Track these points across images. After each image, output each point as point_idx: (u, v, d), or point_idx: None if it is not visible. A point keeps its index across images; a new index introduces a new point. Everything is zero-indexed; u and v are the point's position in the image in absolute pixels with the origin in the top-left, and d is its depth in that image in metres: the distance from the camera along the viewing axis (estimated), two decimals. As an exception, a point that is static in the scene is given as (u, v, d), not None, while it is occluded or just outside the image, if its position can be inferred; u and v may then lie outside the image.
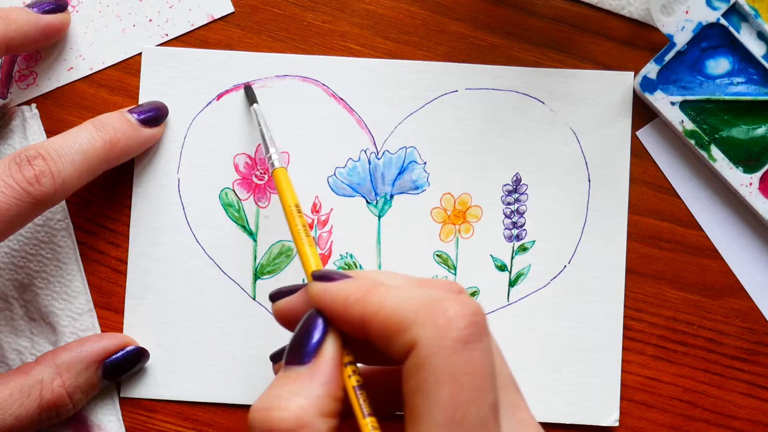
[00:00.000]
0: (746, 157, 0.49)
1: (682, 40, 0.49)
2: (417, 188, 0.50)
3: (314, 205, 0.50)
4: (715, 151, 0.49)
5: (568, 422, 0.49)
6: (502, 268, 0.50)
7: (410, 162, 0.50)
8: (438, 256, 0.50)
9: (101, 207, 0.50)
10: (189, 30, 0.51)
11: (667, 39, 0.50)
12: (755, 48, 0.49)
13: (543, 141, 0.50)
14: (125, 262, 0.50)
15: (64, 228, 0.49)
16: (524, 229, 0.50)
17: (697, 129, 0.49)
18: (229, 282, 0.50)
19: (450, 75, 0.50)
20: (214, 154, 0.50)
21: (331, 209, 0.50)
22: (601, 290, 0.50)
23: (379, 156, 0.50)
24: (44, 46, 0.50)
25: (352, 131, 0.50)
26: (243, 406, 0.49)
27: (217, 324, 0.49)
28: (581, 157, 0.50)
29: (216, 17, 0.51)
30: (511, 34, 0.51)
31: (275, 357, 0.43)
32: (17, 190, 0.43)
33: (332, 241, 0.50)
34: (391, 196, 0.50)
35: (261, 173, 0.50)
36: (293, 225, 0.41)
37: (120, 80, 0.51)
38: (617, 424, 0.49)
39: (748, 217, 0.50)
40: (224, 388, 0.49)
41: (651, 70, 0.49)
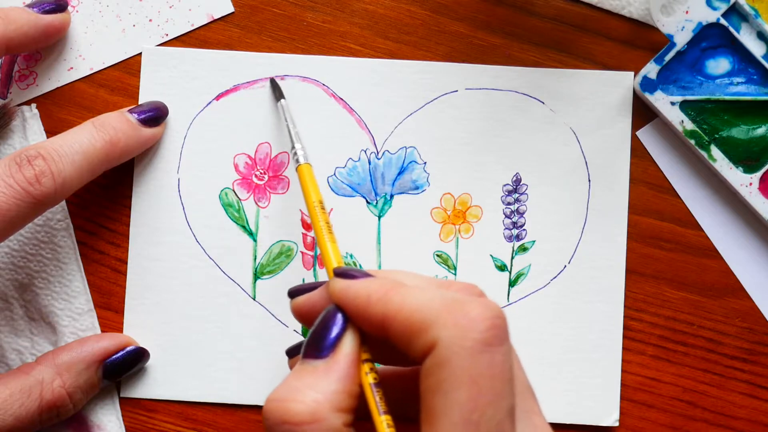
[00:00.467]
0: (746, 157, 0.49)
1: (682, 40, 0.49)
2: (417, 188, 0.50)
3: (314, 205, 0.50)
4: (715, 151, 0.49)
5: (568, 422, 0.49)
6: (502, 268, 0.50)
7: (410, 162, 0.50)
8: (438, 256, 0.50)
9: (101, 207, 0.50)
10: (189, 30, 0.51)
11: (667, 39, 0.50)
12: (755, 48, 0.49)
13: (543, 141, 0.50)
14: (125, 262, 0.50)
15: (64, 228, 0.49)
16: (524, 229, 0.50)
17: (697, 129, 0.49)
18: (229, 282, 0.50)
19: (450, 75, 0.50)
20: (214, 154, 0.50)
21: (331, 209, 0.50)
22: (601, 290, 0.50)
23: (379, 156, 0.50)
24: (44, 46, 0.50)
25: (352, 131, 0.50)
26: (243, 406, 0.49)
27: (217, 324, 0.49)
28: (581, 157, 0.50)
29: (216, 17, 0.51)
30: (511, 34, 0.51)
31: (291, 352, 0.44)
32: (17, 190, 0.43)
33: (332, 241, 0.50)
34: (391, 196, 0.50)
35: (261, 173, 0.50)
36: (316, 221, 0.42)
37: (120, 80, 0.51)
38: (617, 424, 0.49)
39: (748, 217, 0.50)
40: (224, 388, 0.49)
41: (651, 70, 0.49)
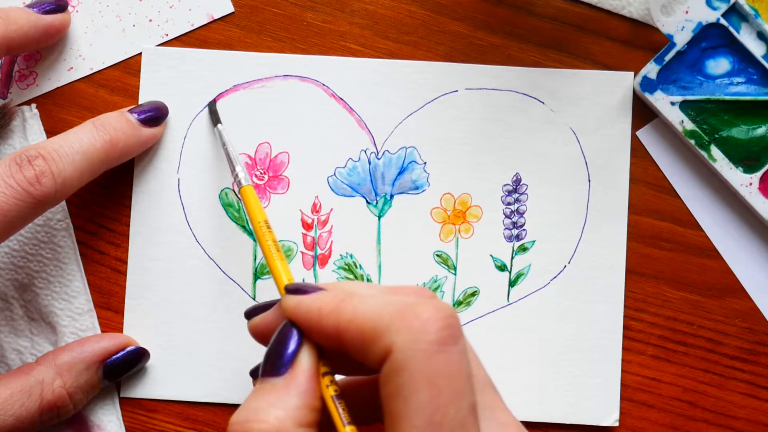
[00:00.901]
0: (746, 157, 0.49)
1: (682, 40, 0.49)
2: (417, 188, 0.50)
3: (314, 205, 0.50)
4: (715, 151, 0.49)
5: (568, 422, 0.49)
6: (502, 268, 0.50)
7: (410, 162, 0.50)
8: (438, 256, 0.50)
9: (101, 207, 0.50)
10: (189, 30, 0.51)
11: (667, 39, 0.50)
12: (755, 48, 0.49)
13: (543, 141, 0.50)
14: (125, 262, 0.50)
15: (64, 228, 0.49)
16: (524, 229, 0.50)
17: (697, 129, 0.49)
18: (229, 282, 0.50)
19: (450, 75, 0.50)
20: (214, 154, 0.50)
21: (331, 209, 0.50)
22: (601, 290, 0.50)
23: (379, 156, 0.50)
24: (44, 47, 0.50)
25: (352, 131, 0.50)
26: (243, 406, 0.49)
27: (218, 324, 0.49)
28: (581, 157, 0.50)
29: (216, 17, 0.51)
30: (511, 34, 0.51)
31: (255, 373, 0.43)
32: (18, 190, 0.43)
33: (332, 241, 0.50)
34: (391, 196, 0.50)
35: (261, 173, 0.50)
36: (263, 241, 0.42)
37: (120, 80, 0.51)
38: (617, 424, 0.49)
39: (748, 217, 0.50)
40: (224, 388, 0.49)
41: (651, 70, 0.49)
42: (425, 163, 0.50)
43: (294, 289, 0.37)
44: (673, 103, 0.49)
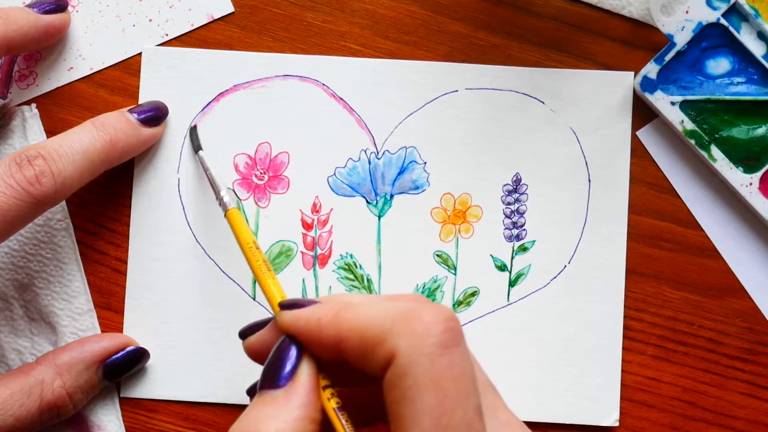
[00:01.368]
0: (746, 157, 0.49)
1: (682, 40, 0.49)
2: (417, 188, 0.50)
3: (314, 205, 0.50)
4: (715, 151, 0.49)
5: (568, 422, 0.49)
6: (502, 268, 0.50)
7: (410, 162, 0.50)
8: (438, 256, 0.50)
9: (101, 207, 0.50)
10: (189, 30, 0.51)
11: (667, 39, 0.50)
12: (755, 48, 0.49)
13: (543, 141, 0.50)
14: (125, 262, 0.50)
15: (64, 228, 0.49)
16: (524, 229, 0.50)
17: (697, 129, 0.49)
18: (229, 282, 0.50)
19: (450, 75, 0.50)
20: (214, 154, 0.50)
21: (331, 209, 0.50)
22: (601, 290, 0.50)
23: (379, 156, 0.50)
24: (44, 46, 0.50)
25: (352, 131, 0.50)
26: (243, 406, 0.49)
27: (217, 324, 0.49)
28: (581, 157, 0.50)
29: (216, 17, 0.51)
30: (511, 34, 0.51)
31: (251, 391, 0.42)
32: (18, 190, 0.43)
33: (332, 241, 0.50)
34: (391, 196, 0.50)
35: (261, 173, 0.50)
36: (253, 262, 0.41)
37: (120, 80, 0.51)
38: (617, 424, 0.49)
39: (748, 217, 0.50)
40: (224, 388, 0.49)
41: (651, 70, 0.49)
42: (425, 163, 0.50)
43: (289, 305, 0.37)
44: (673, 103, 0.49)
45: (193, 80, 0.50)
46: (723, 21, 0.49)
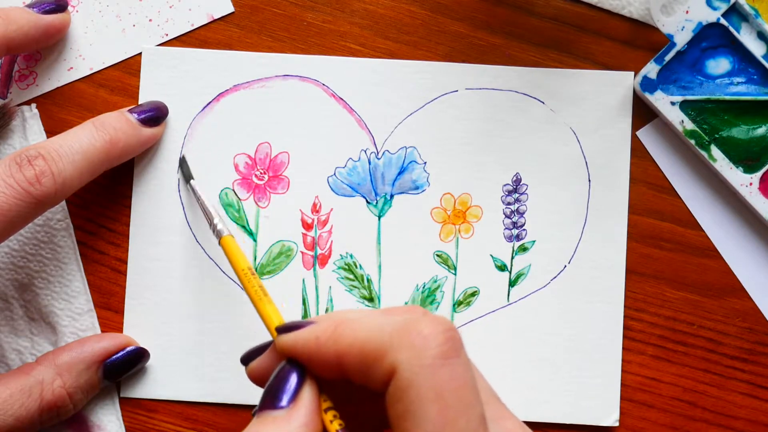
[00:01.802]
0: (746, 157, 0.49)
1: (682, 40, 0.49)
2: (417, 188, 0.50)
3: (314, 205, 0.50)
4: (715, 151, 0.49)
5: (568, 422, 0.49)
6: (502, 268, 0.50)
7: (410, 162, 0.50)
8: (438, 256, 0.50)
9: (101, 207, 0.50)
10: (189, 30, 0.51)
11: (667, 39, 0.50)
12: (755, 48, 0.49)
13: (543, 141, 0.50)
14: (125, 262, 0.50)
15: (64, 228, 0.49)
16: (524, 229, 0.50)
17: (697, 129, 0.49)
18: (229, 282, 0.50)
19: (450, 75, 0.50)
20: (214, 154, 0.50)
21: (331, 209, 0.50)
22: (601, 290, 0.50)
23: (379, 156, 0.50)
24: (44, 46, 0.50)
25: (352, 131, 0.50)
26: (243, 406, 0.49)
27: (217, 324, 0.49)
28: (581, 157, 0.50)
29: (216, 17, 0.51)
30: (511, 34, 0.51)
31: (245, 360, 0.41)
32: (18, 190, 0.43)
33: (332, 241, 0.50)
34: (391, 196, 0.50)
35: (261, 173, 0.50)
36: (249, 287, 0.41)
37: (120, 80, 0.51)
38: (617, 424, 0.49)
39: (748, 217, 0.50)
40: (224, 388, 0.49)
41: (651, 70, 0.49)
42: (425, 163, 0.50)
43: (286, 328, 0.37)
44: (673, 103, 0.49)
45: (193, 80, 0.50)
46: (723, 21, 0.49)
